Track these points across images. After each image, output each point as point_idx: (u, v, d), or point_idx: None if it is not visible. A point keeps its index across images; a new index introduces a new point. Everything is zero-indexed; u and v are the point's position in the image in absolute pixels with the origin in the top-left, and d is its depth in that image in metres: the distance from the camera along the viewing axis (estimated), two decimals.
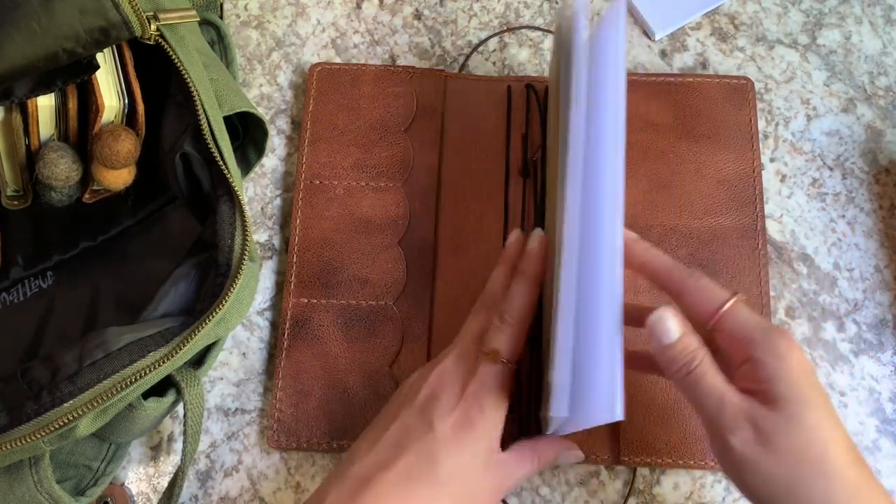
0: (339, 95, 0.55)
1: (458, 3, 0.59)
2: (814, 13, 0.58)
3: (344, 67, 0.56)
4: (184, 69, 0.42)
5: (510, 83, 0.55)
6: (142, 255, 0.51)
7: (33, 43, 0.36)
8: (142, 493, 0.47)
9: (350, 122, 0.54)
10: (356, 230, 0.52)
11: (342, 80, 0.55)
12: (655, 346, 0.35)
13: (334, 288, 0.50)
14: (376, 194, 0.52)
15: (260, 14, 0.59)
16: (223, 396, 0.49)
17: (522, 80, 0.55)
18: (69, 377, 0.37)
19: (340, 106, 0.55)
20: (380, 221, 0.52)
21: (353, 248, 0.51)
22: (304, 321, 0.50)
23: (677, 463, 0.46)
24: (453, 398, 0.38)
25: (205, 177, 0.44)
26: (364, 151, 0.53)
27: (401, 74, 0.55)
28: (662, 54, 0.57)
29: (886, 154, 0.54)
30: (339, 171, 0.53)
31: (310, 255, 0.51)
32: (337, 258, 0.51)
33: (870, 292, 0.51)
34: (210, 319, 0.38)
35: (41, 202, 0.46)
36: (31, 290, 0.50)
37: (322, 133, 0.54)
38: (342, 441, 0.47)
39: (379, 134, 0.54)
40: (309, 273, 0.51)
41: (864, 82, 0.56)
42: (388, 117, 0.54)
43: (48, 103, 0.41)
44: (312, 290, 0.50)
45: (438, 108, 0.54)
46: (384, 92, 0.55)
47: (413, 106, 0.54)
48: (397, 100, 0.55)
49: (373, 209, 0.52)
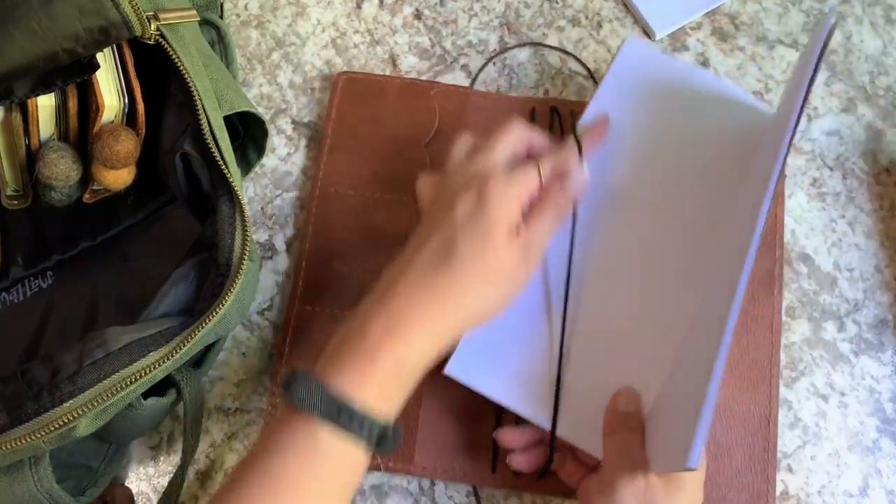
0: (363, 106, 0.54)
1: (458, 3, 0.59)
2: (814, 13, 0.58)
3: (370, 78, 0.55)
4: (184, 69, 0.42)
5: (535, 104, 0.54)
6: (142, 255, 0.51)
7: (33, 43, 0.36)
8: (142, 492, 0.47)
9: (371, 133, 0.54)
10: (368, 241, 0.51)
11: (367, 91, 0.55)
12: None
13: (340, 298, 0.50)
14: (391, 207, 0.52)
15: (260, 14, 0.59)
16: (223, 396, 0.49)
17: (548, 101, 0.54)
18: (69, 377, 0.37)
19: (363, 117, 0.54)
20: (392, 235, 0.51)
21: (363, 259, 0.51)
22: (307, 330, 0.49)
23: None
24: (479, 182, 0.40)
25: (205, 177, 0.44)
26: (382, 163, 0.53)
27: (425, 88, 0.55)
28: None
29: (886, 154, 0.54)
30: (356, 181, 0.52)
31: (319, 262, 0.51)
32: (346, 268, 0.51)
33: (870, 292, 0.51)
34: (210, 319, 0.38)
35: (41, 202, 0.46)
36: (31, 290, 0.50)
37: (342, 142, 0.53)
38: None
39: (399, 147, 0.53)
40: (317, 281, 0.50)
41: (864, 82, 0.56)
42: (409, 131, 0.54)
43: (48, 103, 0.41)
44: (318, 298, 0.50)
45: (459, 125, 0.54)
46: (407, 105, 0.54)
47: (435, 121, 0.54)
48: (420, 114, 0.54)
49: (386, 222, 0.51)
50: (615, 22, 0.58)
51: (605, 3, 0.59)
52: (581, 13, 0.58)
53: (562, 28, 0.58)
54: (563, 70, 0.57)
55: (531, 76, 0.56)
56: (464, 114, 0.54)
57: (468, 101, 0.54)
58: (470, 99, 0.55)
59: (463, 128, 0.53)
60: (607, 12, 0.58)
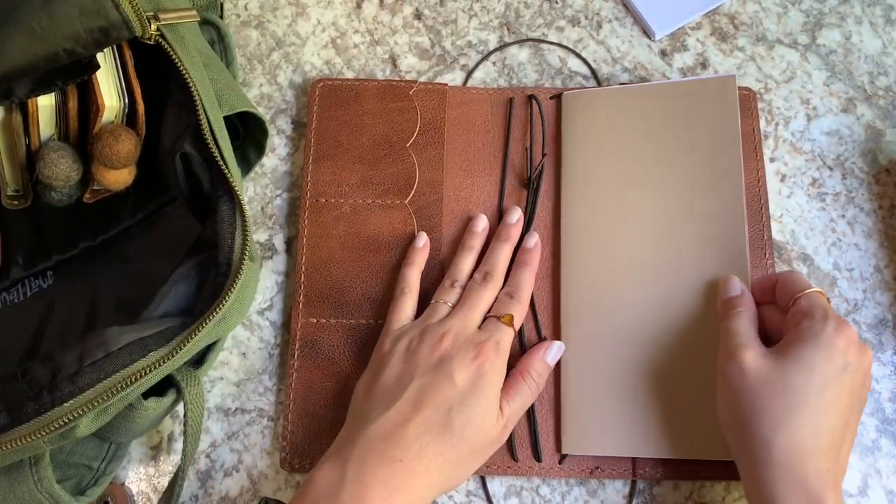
0: (342, 112, 0.54)
1: (458, 3, 0.59)
2: (814, 13, 0.58)
3: (346, 83, 0.55)
4: (184, 69, 0.42)
5: (512, 95, 0.55)
6: (142, 255, 0.51)
7: (33, 43, 0.36)
8: (142, 492, 0.47)
9: (354, 139, 0.53)
10: (364, 248, 0.51)
11: (344, 96, 0.55)
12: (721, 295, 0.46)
13: (343, 308, 0.50)
14: (383, 211, 0.52)
15: (260, 14, 0.59)
16: (223, 396, 0.49)
17: (524, 90, 0.55)
18: (69, 377, 0.37)
19: (344, 122, 0.54)
20: (388, 239, 0.51)
21: (362, 266, 0.51)
22: (314, 342, 0.49)
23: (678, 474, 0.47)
24: (470, 354, 0.43)
25: (205, 177, 0.44)
26: (369, 168, 0.53)
27: (403, 89, 0.55)
28: (662, 54, 0.57)
29: (886, 154, 0.54)
30: (345, 188, 0.52)
31: (318, 274, 0.50)
32: (345, 277, 0.50)
33: (870, 292, 0.51)
34: (210, 319, 0.38)
35: (41, 202, 0.46)
36: (31, 290, 0.50)
37: (326, 150, 0.53)
38: None
39: (384, 150, 0.53)
40: (317, 293, 0.50)
41: (864, 82, 0.56)
42: (391, 133, 0.54)
43: (48, 103, 0.41)
44: (321, 309, 0.50)
45: (440, 122, 0.54)
46: (387, 107, 0.54)
47: (417, 120, 0.54)
48: (401, 115, 0.54)
49: (380, 227, 0.51)
50: (615, 22, 0.58)
51: (605, 3, 0.59)
52: (581, 13, 0.58)
53: (562, 28, 0.58)
54: (564, 70, 0.57)
55: (531, 76, 0.57)
56: (444, 111, 0.54)
57: (447, 98, 0.54)
58: (448, 95, 0.55)
59: (445, 124, 0.54)
60: (607, 12, 0.58)
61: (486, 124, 0.54)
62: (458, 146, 0.54)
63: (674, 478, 0.46)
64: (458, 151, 0.53)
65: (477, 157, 0.53)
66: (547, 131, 0.53)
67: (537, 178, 0.52)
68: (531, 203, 0.52)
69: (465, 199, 0.52)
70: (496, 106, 0.55)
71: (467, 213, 0.52)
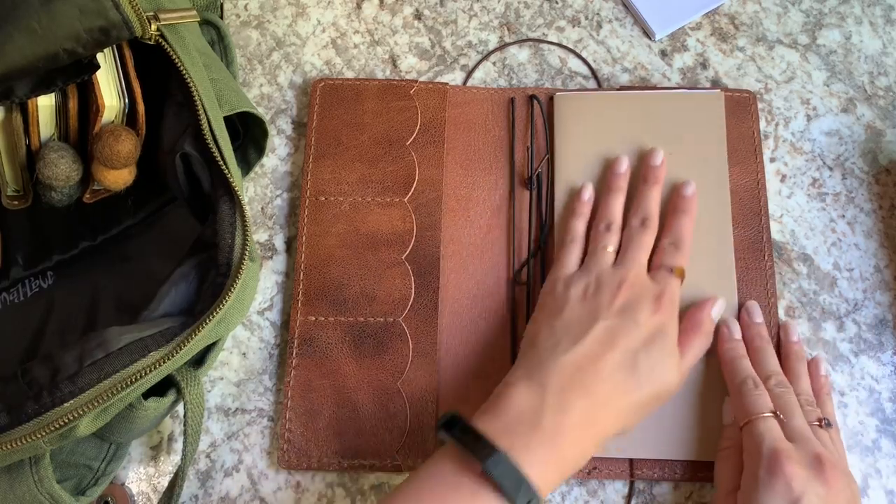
0: (343, 111, 0.54)
1: (458, 3, 0.59)
2: (814, 13, 0.58)
3: (347, 83, 0.55)
4: (184, 69, 0.42)
5: (513, 94, 0.55)
6: (142, 255, 0.51)
7: (33, 43, 0.36)
8: (142, 492, 0.47)
9: (354, 138, 0.54)
10: (363, 246, 0.51)
11: (345, 96, 0.55)
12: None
13: (342, 305, 0.50)
14: (382, 210, 0.52)
15: (260, 14, 0.59)
16: (223, 396, 0.49)
17: (525, 90, 0.55)
18: (69, 377, 0.37)
19: (344, 122, 0.54)
20: (386, 237, 0.51)
21: (360, 264, 0.51)
22: (312, 339, 0.49)
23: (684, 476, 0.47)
24: (651, 304, 0.44)
25: (205, 177, 0.44)
26: (369, 166, 0.53)
27: (403, 88, 0.55)
28: (662, 54, 0.57)
29: (886, 154, 0.54)
30: (345, 186, 0.53)
31: (317, 272, 0.51)
32: (344, 275, 0.51)
33: (870, 292, 0.51)
34: (210, 319, 0.38)
35: (41, 202, 0.46)
36: (32, 290, 0.50)
37: (326, 149, 0.53)
38: (353, 460, 0.47)
39: (384, 149, 0.53)
40: (316, 290, 0.50)
41: (864, 82, 0.56)
42: (392, 132, 0.54)
43: (48, 103, 0.41)
44: (320, 307, 0.50)
45: (441, 121, 0.54)
46: (388, 106, 0.54)
47: (417, 119, 0.54)
48: (401, 114, 0.54)
49: (379, 225, 0.52)
50: (615, 22, 0.58)
51: (605, 4, 0.59)
52: (581, 13, 0.58)
53: (562, 28, 0.58)
54: (564, 70, 0.57)
55: (531, 76, 0.57)
56: (445, 110, 0.54)
57: (447, 97, 0.55)
58: (449, 94, 0.55)
59: (445, 123, 0.54)
60: (607, 12, 0.58)
61: (487, 124, 0.54)
62: (457, 145, 0.54)
63: (671, 479, 0.46)
64: (458, 150, 0.54)
65: (477, 156, 0.54)
66: (549, 131, 0.54)
67: (539, 177, 0.52)
68: (536, 200, 0.52)
69: (464, 197, 0.53)
70: (496, 105, 0.55)
71: (466, 212, 0.52)
